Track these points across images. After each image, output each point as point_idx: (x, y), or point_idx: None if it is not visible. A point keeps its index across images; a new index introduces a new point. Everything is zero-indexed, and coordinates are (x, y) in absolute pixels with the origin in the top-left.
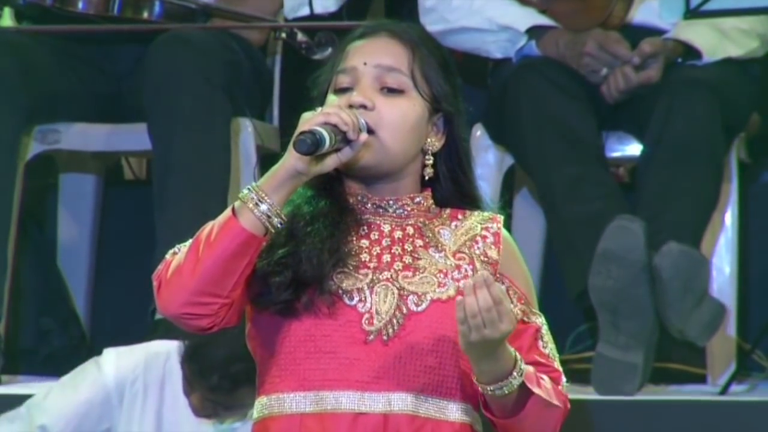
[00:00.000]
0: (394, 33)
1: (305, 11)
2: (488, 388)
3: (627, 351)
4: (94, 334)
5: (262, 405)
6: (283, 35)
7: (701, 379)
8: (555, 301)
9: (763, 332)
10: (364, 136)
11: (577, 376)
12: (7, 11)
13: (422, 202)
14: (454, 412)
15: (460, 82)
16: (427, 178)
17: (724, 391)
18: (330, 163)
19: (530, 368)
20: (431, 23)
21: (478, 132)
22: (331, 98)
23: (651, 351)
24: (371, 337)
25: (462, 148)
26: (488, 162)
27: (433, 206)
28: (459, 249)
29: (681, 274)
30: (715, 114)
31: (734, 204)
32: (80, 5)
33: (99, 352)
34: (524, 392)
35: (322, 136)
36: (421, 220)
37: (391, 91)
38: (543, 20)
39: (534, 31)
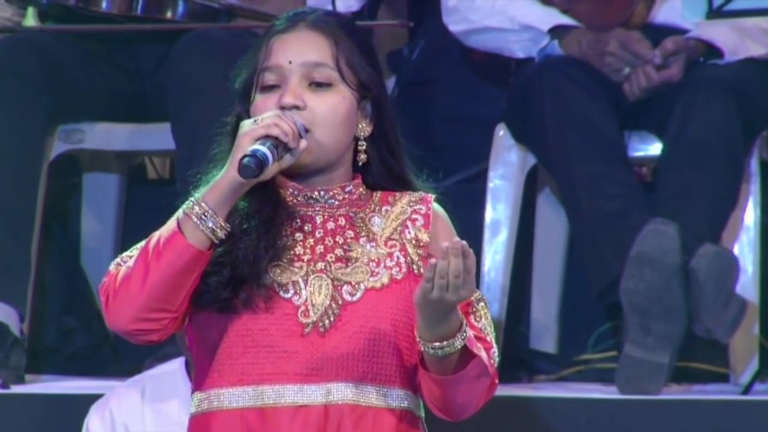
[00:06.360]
0: (315, 25)
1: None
2: (430, 346)
3: (654, 351)
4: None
5: (199, 400)
6: None
7: (723, 379)
8: (578, 301)
9: None
10: (304, 142)
11: (599, 375)
12: (31, 11)
13: (353, 190)
14: (395, 398)
15: (381, 61)
16: (360, 164)
17: (747, 390)
18: (272, 171)
19: (471, 333)
20: (454, 23)
21: (501, 131)
22: (258, 97)
23: (677, 351)
24: (308, 329)
25: (391, 130)
26: (511, 161)
27: (364, 192)
28: (390, 236)
29: (716, 274)
30: (734, 113)
31: (756, 203)
32: (104, 5)
33: (122, 352)
34: (464, 355)
35: (265, 156)
36: (353, 210)
37: (320, 86)
38: (565, 20)
39: (556, 31)
